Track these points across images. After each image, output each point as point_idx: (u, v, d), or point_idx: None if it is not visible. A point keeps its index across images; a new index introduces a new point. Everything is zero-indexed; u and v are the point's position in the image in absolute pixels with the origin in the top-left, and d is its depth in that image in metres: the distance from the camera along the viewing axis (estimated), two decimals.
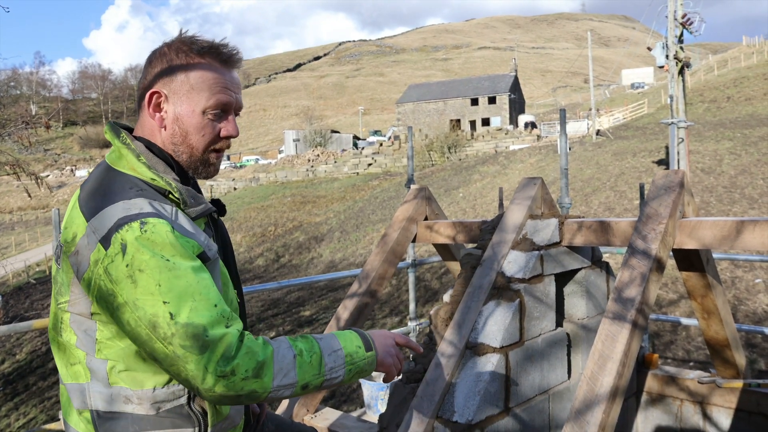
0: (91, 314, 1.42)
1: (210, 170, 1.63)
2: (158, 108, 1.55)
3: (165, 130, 1.55)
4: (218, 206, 1.69)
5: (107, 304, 1.36)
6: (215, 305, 1.35)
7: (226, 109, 1.58)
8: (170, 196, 1.49)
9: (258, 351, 1.36)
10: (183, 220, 1.46)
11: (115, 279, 1.33)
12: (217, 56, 1.56)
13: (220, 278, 1.51)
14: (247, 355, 1.34)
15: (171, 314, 1.30)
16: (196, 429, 1.49)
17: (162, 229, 1.35)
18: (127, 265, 1.32)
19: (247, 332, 1.40)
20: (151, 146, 1.54)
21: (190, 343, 1.30)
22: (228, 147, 1.66)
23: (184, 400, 1.47)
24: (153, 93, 1.53)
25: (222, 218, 1.80)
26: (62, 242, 1.46)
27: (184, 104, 1.54)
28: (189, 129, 1.55)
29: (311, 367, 1.44)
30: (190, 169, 1.60)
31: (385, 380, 1.67)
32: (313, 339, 1.50)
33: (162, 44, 1.58)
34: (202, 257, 1.43)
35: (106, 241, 1.34)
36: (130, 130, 1.61)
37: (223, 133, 1.59)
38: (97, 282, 1.35)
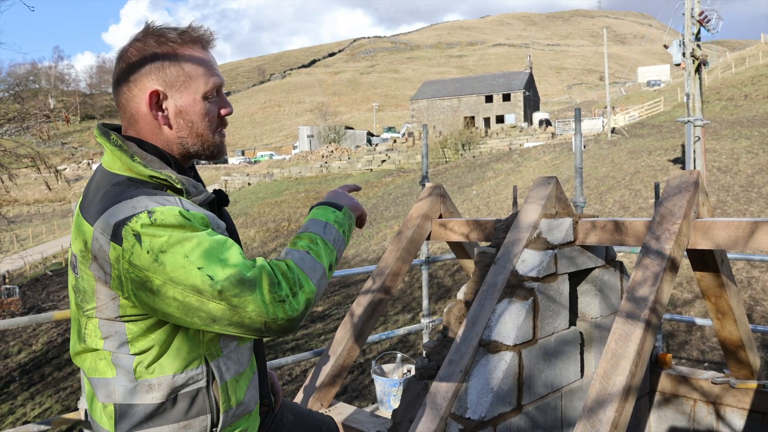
0: (119, 317, 1.43)
1: (222, 149, 1.67)
2: (159, 107, 1.52)
3: (170, 127, 1.54)
4: (221, 196, 1.70)
5: (147, 292, 1.36)
6: (240, 253, 1.40)
7: (219, 90, 1.60)
8: (172, 188, 1.49)
9: (285, 269, 1.43)
10: (188, 204, 1.46)
11: (143, 267, 1.34)
12: (198, 41, 1.56)
13: None
14: (284, 276, 1.41)
15: (210, 276, 1.33)
16: (208, 416, 1.50)
17: (170, 212, 1.37)
18: (148, 252, 1.33)
19: (268, 260, 1.46)
20: (143, 144, 1.53)
21: (240, 289, 1.34)
22: (227, 124, 1.68)
23: (202, 383, 1.49)
24: (152, 93, 1.51)
25: (235, 212, 1.80)
26: (76, 252, 1.47)
27: (184, 96, 1.53)
28: (194, 118, 1.55)
29: (324, 250, 1.55)
30: (204, 156, 1.62)
31: (359, 225, 1.80)
32: (304, 233, 1.59)
33: (132, 41, 1.54)
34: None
35: (117, 238, 1.35)
36: (119, 130, 1.59)
37: (223, 113, 1.62)
38: (128, 276, 1.36)
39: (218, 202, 1.69)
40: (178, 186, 1.48)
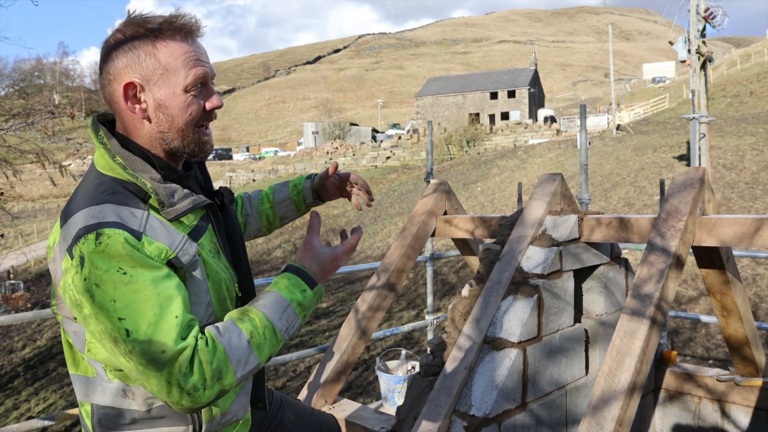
0: (75, 318, 1.40)
1: (206, 148, 1.56)
2: (136, 99, 1.45)
3: (149, 121, 1.46)
4: (226, 194, 1.64)
5: (79, 312, 1.33)
6: (176, 316, 1.30)
7: (205, 81, 1.50)
8: (149, 198, 1.42)
9: (210, 358, 1.31)
10: (155, 224, 1.39)
11: (79, 290, 1.30)
12: (179, 29, 1.47)
13: (205, 278, 1.47)
14: (200, 368, 1.30)
15: (127, 331, 1.27)
16: (190, 427, 1.47)
17: (117, 240, 1.29)
18: (84, 279, 1.28)
19: (199, 336, 1.34)
20: (128, 143, 1.47)
21: (147, 361, 1.27)
22: (215, 118, 1.58)
23: None
24: (127, 85, 1.43)
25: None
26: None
27: (162, 88, 1.45)
28: (174, 112, 1.46)
29: (268, 341, 1.41)
30: (186, 153, 1.53)
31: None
32: (259, 312, 1.43)
33: (113, 32, 1.46)
34: (175, 263, 1.38)
35: (70, 252, 1.31)
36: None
37: (208, 107, 1.52)
38: (68, 290, 1.33)
39: (222, 200, 1.65)
40: (152, 195, 1.41)
